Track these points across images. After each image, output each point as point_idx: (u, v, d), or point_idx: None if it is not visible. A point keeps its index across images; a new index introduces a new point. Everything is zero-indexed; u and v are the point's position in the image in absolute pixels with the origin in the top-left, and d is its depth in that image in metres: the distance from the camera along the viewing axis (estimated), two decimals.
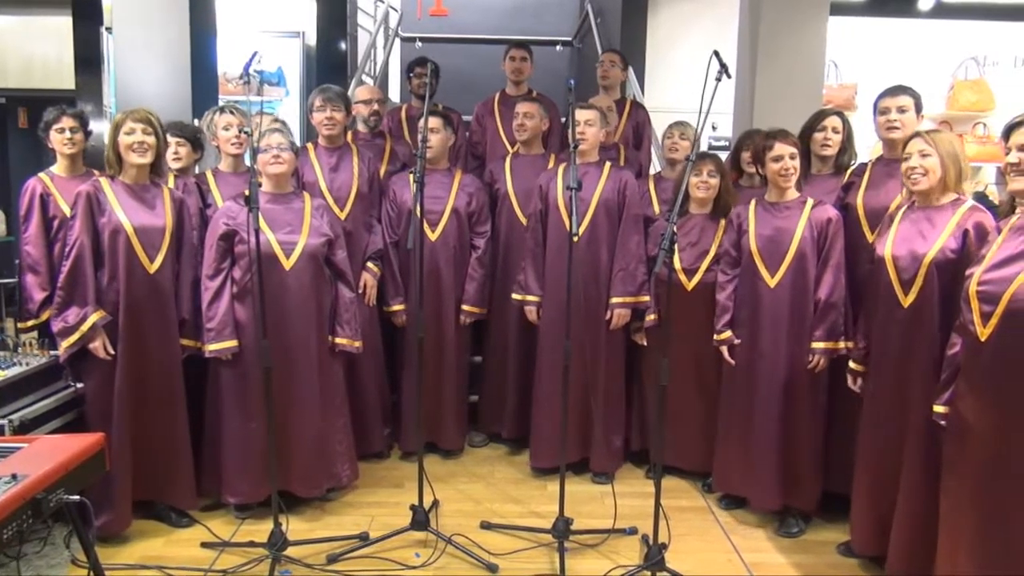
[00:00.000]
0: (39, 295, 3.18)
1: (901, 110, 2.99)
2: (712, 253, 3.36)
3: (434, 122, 3.62)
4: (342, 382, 3.32)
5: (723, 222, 3.38)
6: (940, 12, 6.48)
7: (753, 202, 3.19)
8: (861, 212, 3.06)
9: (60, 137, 3.29)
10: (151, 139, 2.87)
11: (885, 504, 2.66)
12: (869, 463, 2.76)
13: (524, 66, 4.35)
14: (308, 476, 3.17)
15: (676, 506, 3.29)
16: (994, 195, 3.91)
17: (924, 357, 2.52)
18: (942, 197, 2.56)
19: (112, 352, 2.83)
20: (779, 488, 3.11)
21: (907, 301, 2.55)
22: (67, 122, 3.29)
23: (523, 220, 3.74)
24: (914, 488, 2.55)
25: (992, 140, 6.40)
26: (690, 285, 3.38)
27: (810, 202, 3.07)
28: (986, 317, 2.09)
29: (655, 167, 4.75)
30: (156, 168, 2.96)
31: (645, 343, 3.54)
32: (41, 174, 3.32)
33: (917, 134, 2.61)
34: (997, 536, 2.08)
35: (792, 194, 3.10)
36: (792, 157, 3.03)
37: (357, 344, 3.26)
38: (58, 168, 3.35)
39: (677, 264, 3.36)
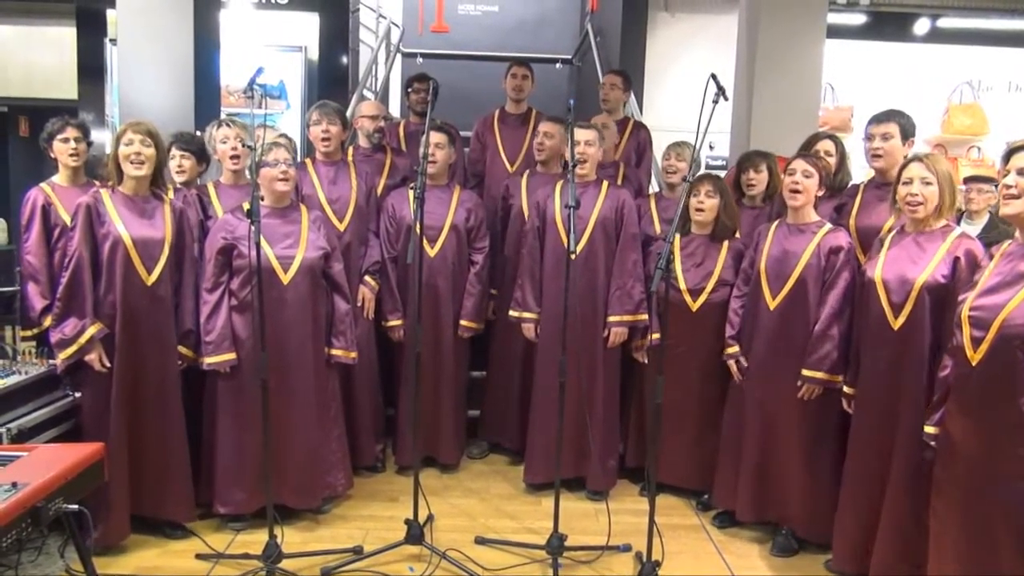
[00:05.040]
0: (40, 303, 3.19)
1: (884, 138, 3.00)
2: (717, 274, 3.36)
3: (440, 138, 3.65)
4: (338, 394, 3.34)
5: (726, 243, 3.39)
6: (936, 37, 6.57)
7: (776, 222, 3.17)
8: (853, 233, 3.09)
9: (64, 147, 3.31)
10: (149, 151, 2.86)
11: (868, 522, 2.67)
12: (854, 482, 2.78)
13: (525, 84, 4.40)
14: (302, 488, 3.18)
15: (670, 524, 3.29)
16: None
17: (912, 378, 2.56)
18: (935, 223, 2.60)
19: (108, 365, 2.83)
20: (760, 507, 3.12)
21: (897, 324, 2.59)
22: (71, 132, 3.30)
23: None
24: (898, 507, 2.58)
25: (986, 164, 6.47)
26: (695, 306, 3.38)
27: (826, 227, 3.01)
28: (977, 342, 2.12)
29: (654, 187, 4.79)
30: (157, 180, 2.97)
31: (646, 361, 3.54)
32: (43, 184, 3.33)
33: (917, 158, 2.60)
34: (984, 558, 2.10)
35: (810, 216, 3.06)
36: (807, 175, 2.99)
37: (353, 355, 3.28)
38: (60, 178, 3.36)
39: (682, 284, 3.37)
